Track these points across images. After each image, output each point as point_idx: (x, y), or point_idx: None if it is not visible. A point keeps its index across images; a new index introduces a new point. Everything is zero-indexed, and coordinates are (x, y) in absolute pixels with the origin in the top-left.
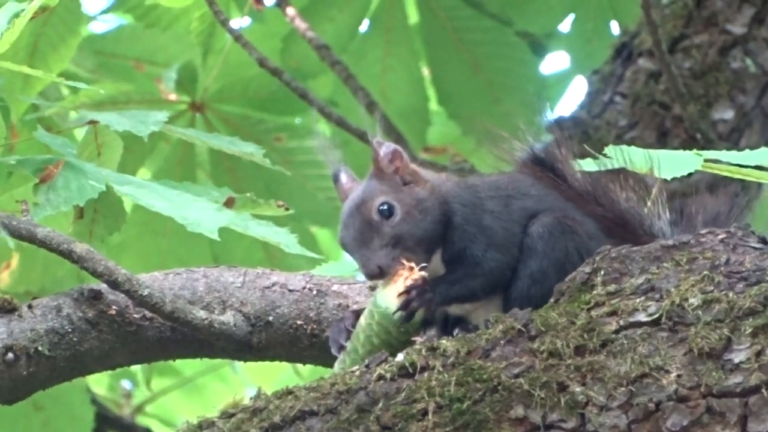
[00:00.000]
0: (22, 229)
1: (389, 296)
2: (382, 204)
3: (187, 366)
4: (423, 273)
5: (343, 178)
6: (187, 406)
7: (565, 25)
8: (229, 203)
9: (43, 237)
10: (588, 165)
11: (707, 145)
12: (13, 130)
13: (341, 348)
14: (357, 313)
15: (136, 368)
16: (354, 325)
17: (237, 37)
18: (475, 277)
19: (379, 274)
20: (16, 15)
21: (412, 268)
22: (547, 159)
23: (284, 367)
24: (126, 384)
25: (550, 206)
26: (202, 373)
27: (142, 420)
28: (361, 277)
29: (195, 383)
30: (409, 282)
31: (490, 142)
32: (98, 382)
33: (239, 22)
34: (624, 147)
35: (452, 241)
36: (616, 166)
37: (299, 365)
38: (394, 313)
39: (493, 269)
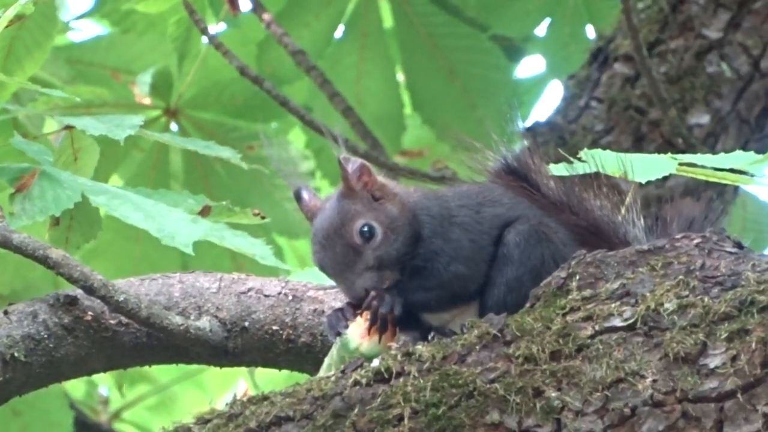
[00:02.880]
0: None
1: (352, 328)
2: (364, 226)
3: (164, 373)
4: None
5: (306, 195)
6: (164, 413)
7: (542, 29)
8: (205, 211)
9: (18, 243)
10: (561, 170)
11: (688, 149)
12: None
13: (338, 334)
14: (355, 307)
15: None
16: (354, 316)
17: (218, 45)
18: (429, 289)
19: (366, 296)
20: None
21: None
22: (521, 169)
23: None
24: (103, 390)
25: (523, 213)
26: (179, 379)
27: (119, 426)
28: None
29: (172, 390)
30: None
31: (464, 152)
32: (75, 389)
33: (215, 28)
34: (598, 151)
35: (419, 252)
36: (590, 170)
37: (257, 379)
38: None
39: (452, 281)
